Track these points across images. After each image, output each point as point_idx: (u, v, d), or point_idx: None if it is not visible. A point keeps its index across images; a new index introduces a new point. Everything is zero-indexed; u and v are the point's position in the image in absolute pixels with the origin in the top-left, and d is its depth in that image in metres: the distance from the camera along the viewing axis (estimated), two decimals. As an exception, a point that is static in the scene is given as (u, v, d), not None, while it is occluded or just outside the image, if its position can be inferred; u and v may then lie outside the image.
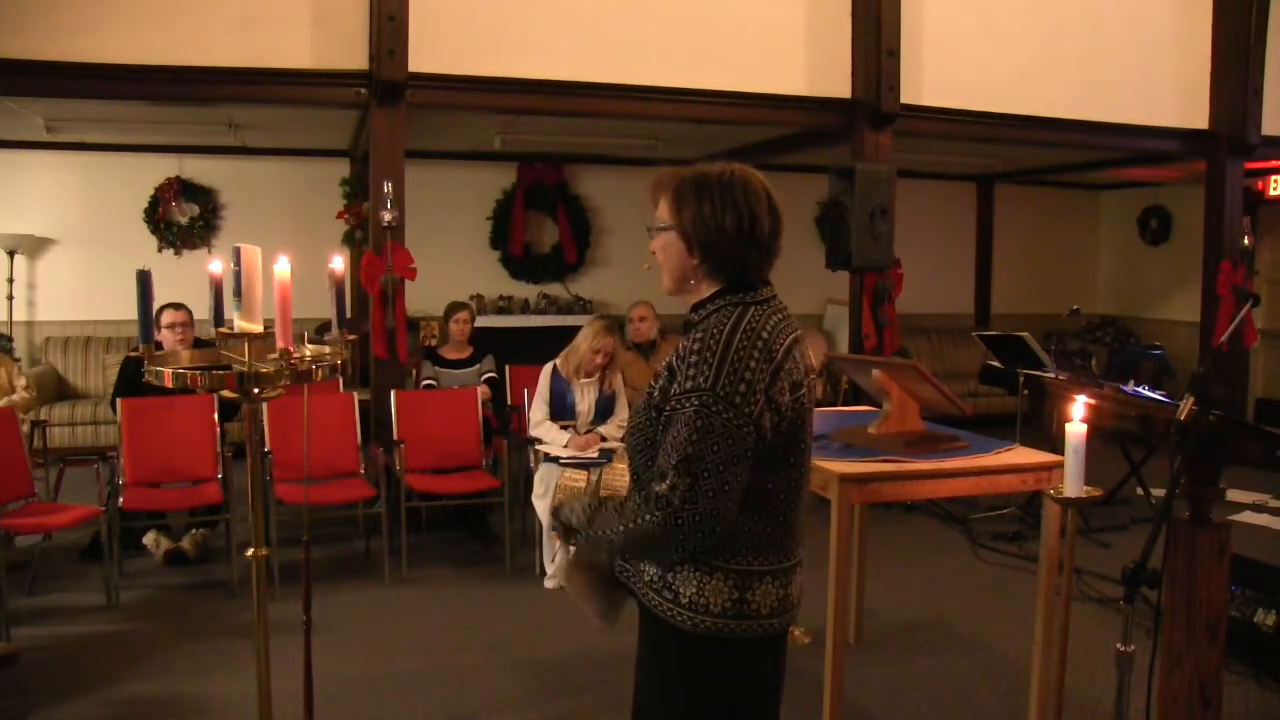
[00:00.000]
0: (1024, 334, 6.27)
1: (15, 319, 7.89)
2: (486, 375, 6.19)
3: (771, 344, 1.80)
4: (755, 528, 1.83)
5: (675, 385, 1.78)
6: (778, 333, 1.83)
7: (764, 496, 1.83)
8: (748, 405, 1.75)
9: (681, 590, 1.84)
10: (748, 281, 1.88)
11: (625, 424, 5.12)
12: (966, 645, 4.31)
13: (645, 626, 1.95)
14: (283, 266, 2.25)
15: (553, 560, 4.95)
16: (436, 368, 6.19)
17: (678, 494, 1.71)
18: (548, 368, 5.24)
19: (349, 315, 5.49)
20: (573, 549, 2.03)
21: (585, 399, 5.18)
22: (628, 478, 2.00)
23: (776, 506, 1.85)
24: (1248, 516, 6.19)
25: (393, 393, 5.57)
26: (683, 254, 1.89)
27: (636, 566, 1.92)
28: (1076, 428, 2.57)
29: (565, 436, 5.10)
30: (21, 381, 5.68)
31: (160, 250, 8.23)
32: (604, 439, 5.10)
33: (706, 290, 1.90)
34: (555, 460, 4.97)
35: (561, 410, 5.18)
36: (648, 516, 1.75)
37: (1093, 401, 2.82)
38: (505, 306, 8.87)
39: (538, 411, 5.23)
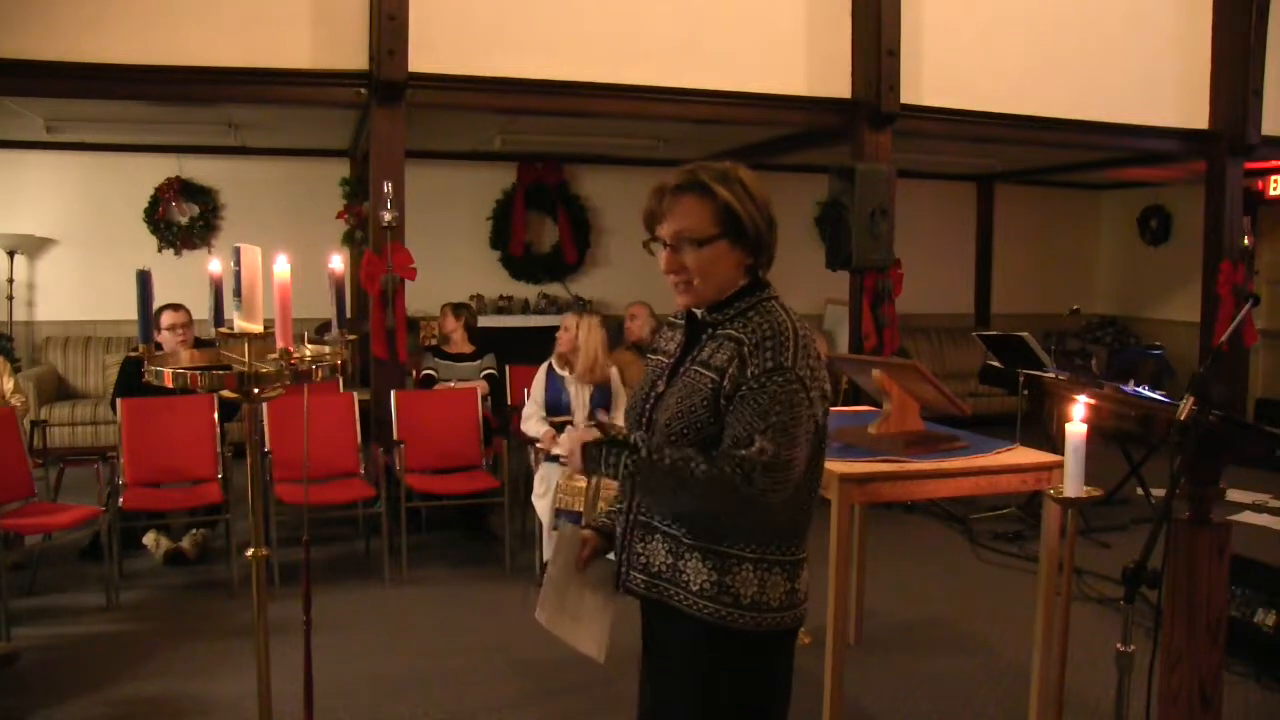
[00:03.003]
0: (1024, 334, 6.26)
1: (15, 319, 7.89)
2: (486, 371, 6.22)
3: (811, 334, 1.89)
4: (806, 517, 1.90)
5: (752, 368, 1.78)
6: None
7: (812, 485, 1.90)
8: (814, 388, 1.82)
9: (742, 592, 1.84)
10: (762, 277, 1.92)
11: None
12: (966, 645, 4.31)
13: (679, 635, 1.90)
14: (282, 266, 2.24)
15: (538, 586, 4.93)
16: (437, 359, 6.26)
17: (765, 456, 1.75)
18: (543, 366, 5.28)
19: (349, 315, 5.49)
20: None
21: (579, 395, 5.19)
22: None
23: (813, 494, 1.93)
24: (1248, 516, 6.19)
25: (393, 393, 5.57)
26: (738, 259, 1.86)
27: (679, 578, 1.87)
28: (1076, 428, 2.57)
29: (543, 428, 5.12)
30: (9, 385, 5.52)
31: (160, 250, 8.23)
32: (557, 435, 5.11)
33: (730, 290, 1.89)
34: (555, 459, 4.98)
35: (557, 407, 5.19)
36: (731, 469, 1.75)
37: (1093, 401, 2.81)
38: (505, 306, 8.87)
39: (529, 407, 5.26)
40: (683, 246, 1.85)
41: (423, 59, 5.65)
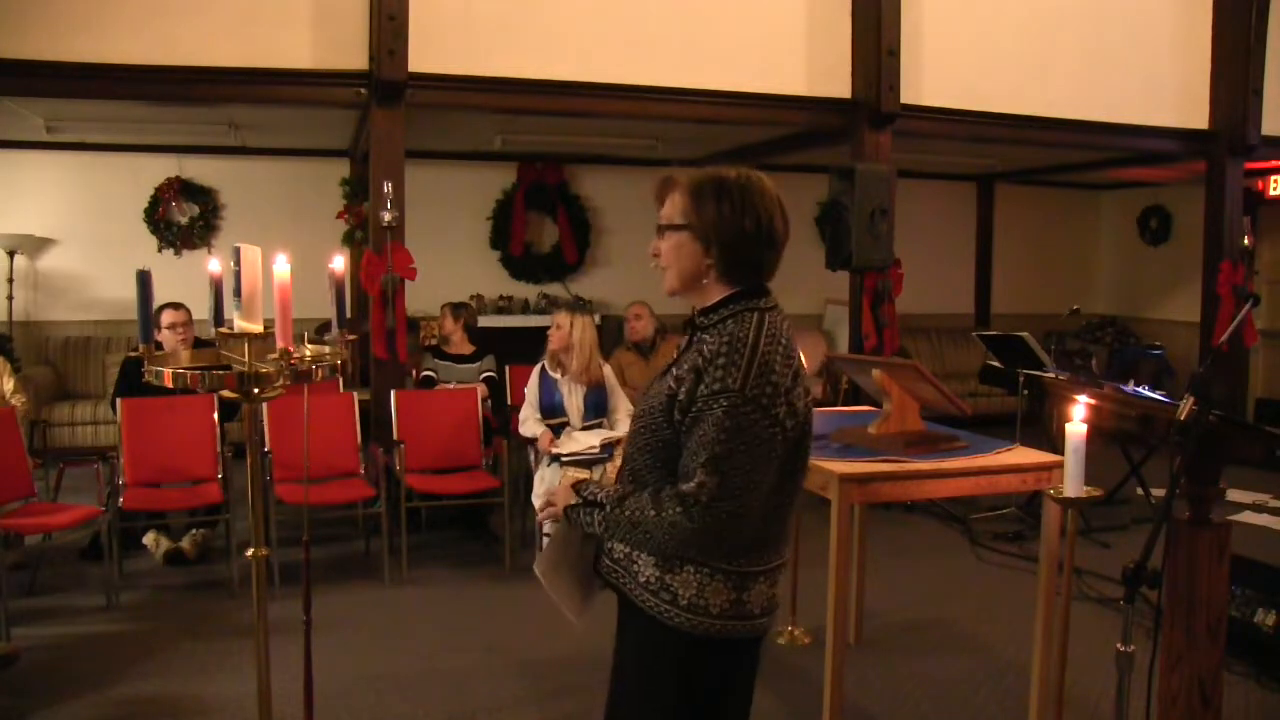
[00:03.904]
0: (1024, 334, 6.26)
1: (15, 319, 7.88)
2: (485, 374, 6.20)
3: (790, 349, 1.85)
4: (760, 531, 1.86)
5: (702, 388, 1.79)
6: (791, 338, 1.88)
7: (771, 501, 1.86)
8: (774, 407, 1.78)
9: (680, 592, 1.85)
10: (758, 286, 1.90)
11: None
12: (966, 645, 4.31)
13: (632, 627, 1.95)
14: (282, 266, 2.25)
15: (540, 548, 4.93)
16: (437, 360, 6.25)
17: (705, 492, 1.74)
18: (536, 369, 5.27)
19: (349, 315, 5.49)
20: (556, 533, 2.02)
21: (573, 395, 5.17)
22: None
23: (779, 510, 1.89)
24: (1248, 516, 6.19)
25: (393, 393, 5.57)
26: (697, 254, 1.89)
27: (630, 567, 1.91)
28: (1076, 428, 2.57)
29: (540, 429, 5.12)
30: (10, 386, 5.52)
31: (160, 250, 8.23)
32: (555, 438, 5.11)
33: (716, 294, 1.90)
34: (556, 459, 4.97)
35: (552, 410, 5.18)
36: (674, 511, 1.76)
37: (1093, 401, 2.81)
38: (505, 306, 8.87)
39: (525, 410, 5.26)
40: (660, 232, 1.96)
41: (423, 59, 5.65)
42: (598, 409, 5.19)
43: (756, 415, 1.76)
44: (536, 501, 5.01)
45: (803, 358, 1.95)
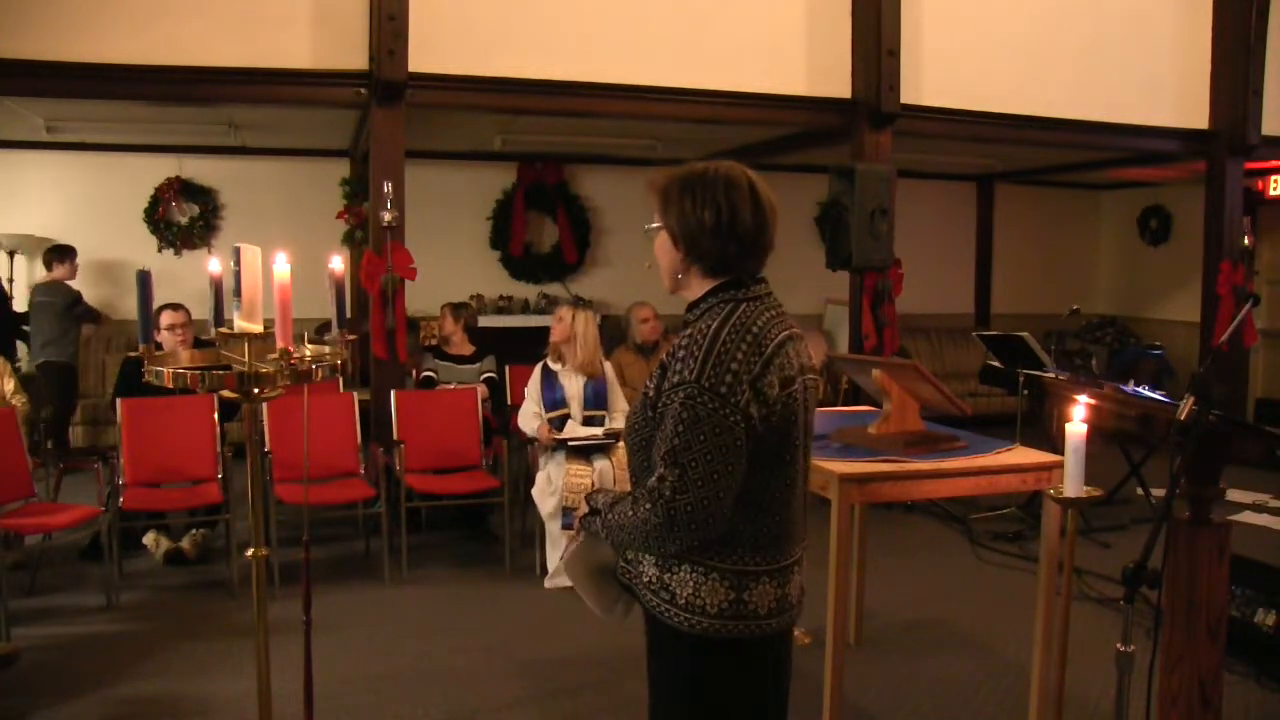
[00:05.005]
0: (1024, 334, 6.26)
1: (15, 319, 7.88)
2: (485, 375, 6.20)
3: (762, 338, 1.82)
4: (750, 527, 1.84)
5: (666, 381, 1.81)
6: (769, 327, 1.84)
7: (758, 495, 1.83)
8: (734, 396, 1.75)
9: (678, 591, 1.85)
10: (738, 279, 1.89)
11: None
12: (966, 645, 4.31)
13: (649, 628, 1.96)
14: (282, 266, 2.25)
15: (560, 555, 4.92)
16: (437, 360, 6.25)
17: (667, 485, 1.74)
18: (538, 367, 5.27)
19: (349, 315, 5.49)
20: (580, 536, 2.04)
21: (574, 386, 5.17)
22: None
23: (772, 505, 1.86)
24: (1248, 516, 6.18)
25: (393, 393, 5.57)
26: (671, 250, 1.92)
27: (636, 568, 1.92)
28: (1076, 428, 2.57)
29: (537, 423, 5.12)
30: (10, 386, 5.48)
31: (160, 250, 8.24)
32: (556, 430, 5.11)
33: (698, 288, 1.91)
34: (561, 445, 4.97)
35: (554, 403, 5.17)
36: (646, 508, 1.77)
37: (1093, 401, 2.81)
38: (505, 306, 8.88)
39: (527, 405, 5.26)
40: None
41: (423, 59, 5.65)
42: (598, 400, 5.19)
43: (715, 405, 1.74)
44: (538, 499, 5.00)
45: (809, 350, 1.95)
